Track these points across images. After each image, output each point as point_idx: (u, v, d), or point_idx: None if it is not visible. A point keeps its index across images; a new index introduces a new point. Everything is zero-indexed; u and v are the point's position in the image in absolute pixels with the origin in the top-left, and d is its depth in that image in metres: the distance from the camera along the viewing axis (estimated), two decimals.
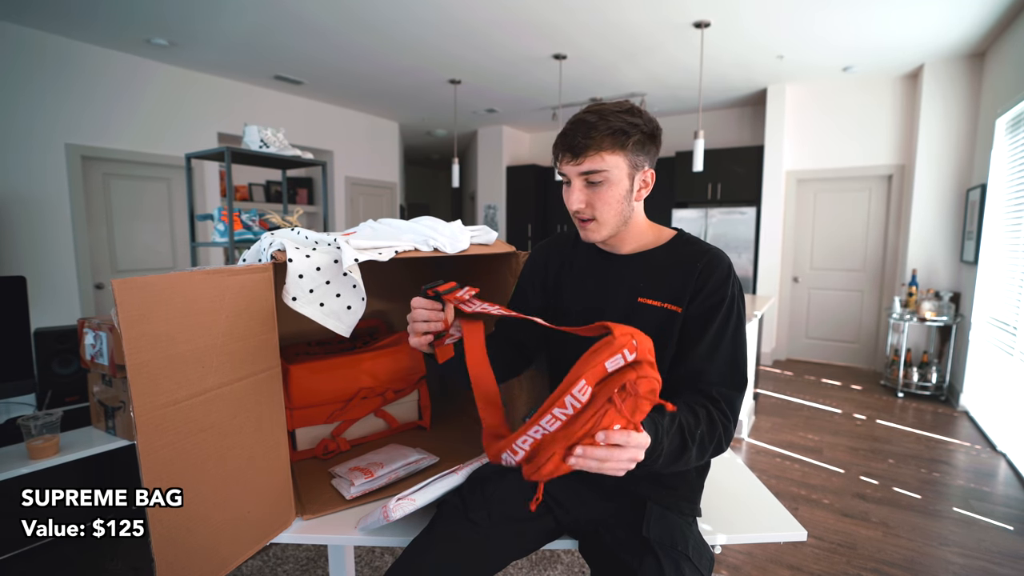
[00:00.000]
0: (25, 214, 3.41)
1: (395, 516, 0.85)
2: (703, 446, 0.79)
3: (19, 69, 3.33)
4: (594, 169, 0.86)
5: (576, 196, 0.89)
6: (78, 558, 1.89)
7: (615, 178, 0.87)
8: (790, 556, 1.97)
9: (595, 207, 0.89)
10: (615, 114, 0.85)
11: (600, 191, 0.87)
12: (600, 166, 0.85)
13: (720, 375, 0.85)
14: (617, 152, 0.85)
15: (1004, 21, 3.29)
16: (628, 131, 0.85)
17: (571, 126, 0.87)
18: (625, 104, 0.88)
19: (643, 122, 0.87)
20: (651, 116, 0.89)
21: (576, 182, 0.89)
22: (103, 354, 1.42)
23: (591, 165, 0.86)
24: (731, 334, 0.87)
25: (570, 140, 0.86)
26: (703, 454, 0.80)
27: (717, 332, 0.86)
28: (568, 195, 0.91)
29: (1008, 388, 2.94)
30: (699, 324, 0.87)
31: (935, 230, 4.14)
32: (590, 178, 0.87)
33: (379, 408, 1.35)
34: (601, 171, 0.86)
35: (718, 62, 4.09)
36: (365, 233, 1.04)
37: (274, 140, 2.62)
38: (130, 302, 0.67)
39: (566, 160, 0.88)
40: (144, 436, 0.70)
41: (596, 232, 0.92)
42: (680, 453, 0.76)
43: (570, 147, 0.86)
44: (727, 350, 0.86)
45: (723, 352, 0.86)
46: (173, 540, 0.74)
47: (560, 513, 0.93)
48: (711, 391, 0.84)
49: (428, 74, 4.46)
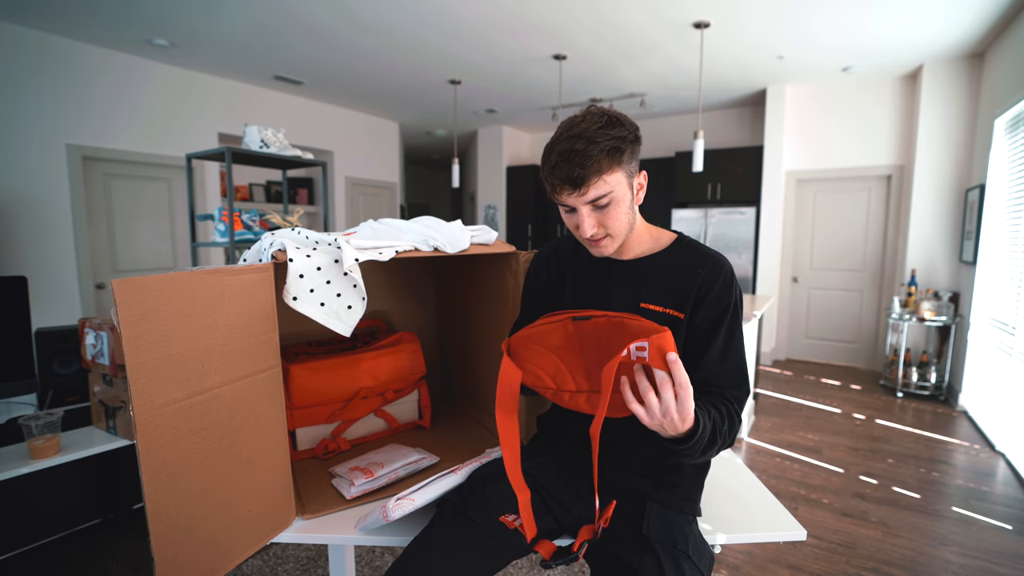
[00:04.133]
0: (26, 214, 3.41)
1: (394, 516, 0.85)
2: (724, 441, 0.83)
3: (20, 69, 3.34)
4: (600, 195, 0.85)
5: (587, 223, 0.87)
6: (79, 557, 1.89)
7: (619, 194, 0.87)
8: (790, 556, 1.97)
9: (607, 226, 0.88)
10: (600, 132, 0.83)
11: (609, 211, 0.87)
12: (604, 189, 0.84)
13: (730, 379, 0.88)
14: (615, 169, 0.84)
15: (1003, 21, 3.30)
16: (620, 146, 0.84)
17: (562, 157, 0.83)
18: (603, 117, 0.85)
19: (628, 131, 0.85)
20: (629, 119, 0.88)
21: (583, 210, 0.87)
22: (104, 354, 1.42)
23: (596, 192, 0.84)
24: (736, 338, 0.90)
25: (567, 172, 0.83)
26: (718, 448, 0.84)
27: (726, 337, 0.89)
28: (576, 222, 0.89)
29: (1007, 388, 2.94)
30: (708, 331, 0.89)
31: (934, 230, 4.14)
32: (598, 203, 0.86)
33: (379, 408, 1.35)
34: (606, 194, 0.85)
35: (718, 62, 4.09)
36: (365, 233, 1.04)
37: (274, 140, 2.62)
38: (130, 302, 0.67)
39: (567, 192, 0.85)
40: (144, 436, 0.70)
41: (610, 246, 0.91)
42: (711, 444, 0.80)
43: (569, 179, 0.83)
44: (735, 354, 0.89)
45: (731, 356, 0.89)
46: (173, 539, 0.74)
47: (560, 512, 0.93)
48: (725, 393, 0.87)
49: (428, 74, 4.46)
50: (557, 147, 0.85)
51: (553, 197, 0.89)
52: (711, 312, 0.88)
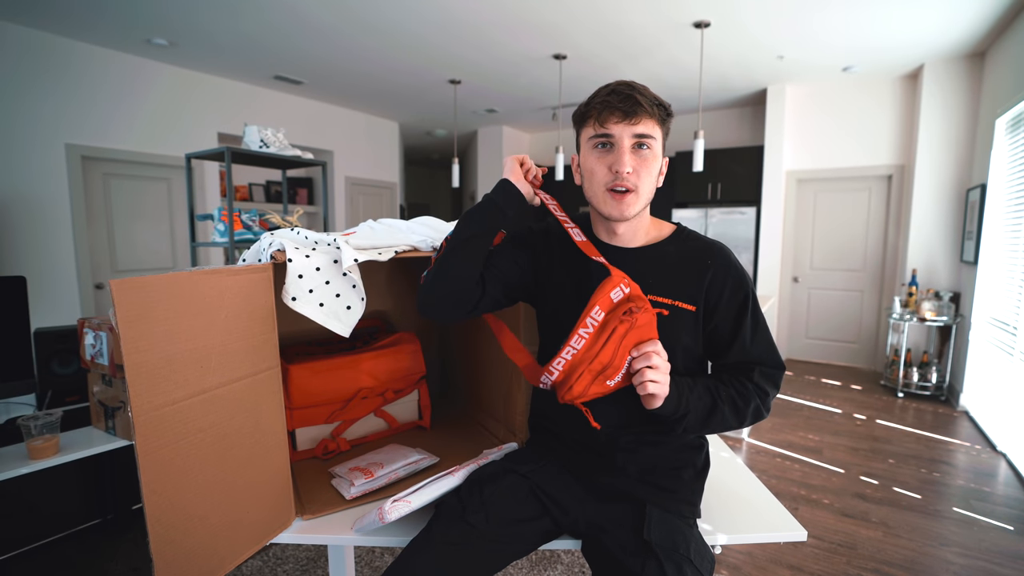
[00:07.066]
0: (26, 214, 3.41)
1: (391, 518, 0.85)
2: (736, 407, 0.87)
3: (20, 69, 3.33)
4: (647, 133, 0.83)
5: (627, 158, 0.83)
6: (78, 558, 1.89)
7: (657, 150, 0.86)
8: (790, 556, 1.97)
9: (639, 175, 0.85)
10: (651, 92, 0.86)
11: (647, 158, 0.85)
12: (651, 131, 0.84)
13: (761, 357, 0.91)
14: (660, 126, 0.85)
15: (1004, 21, 3.29)
16: (668, 109, 0.86)
17: (622, 87, 0.83)
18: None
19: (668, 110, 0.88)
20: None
21: (626, 143, 0.83)
22: (103, 354, 1.42)
23: (645, 128, 0.83)
24: (760, 321, 0.92)
25: (622, 100, 0.82)
26: (740, 416, 0.87)
27: (752, 324, 0.90)
28: (610, 159, 0.85)
29: (1008, 388, 2.94)
30: (734, 322, 0.90)
31: (935, 230, 4.14)
32: (641, 141, 0.84)
33: (379, 408, 1.35)
34: (651, 136, 0.84)
35: (718, 62, 4.09)
36: (365, 233, 1.03)
37: (274, 140, 2.62)
38: (128, 302, 0.67)
39: (615, 119, 0.82)
40: (142, 436, 0.69)
41: (631, 206, 0.86)
42: (712, 410, 0.85)
43: (623, 107, 0.82)
44: (762, 334, 0.91)
45: (759, 337, 0.91)
46: (172, 540, 0.74)
47: (558, 514, 0.93)
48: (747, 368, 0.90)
49: (428, 74, 4.46)
50: (610, 86, 0.86)
51: (595, 128, 0.85)
52: (732, 304, 0.89)
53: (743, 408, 0.87)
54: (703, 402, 0.85)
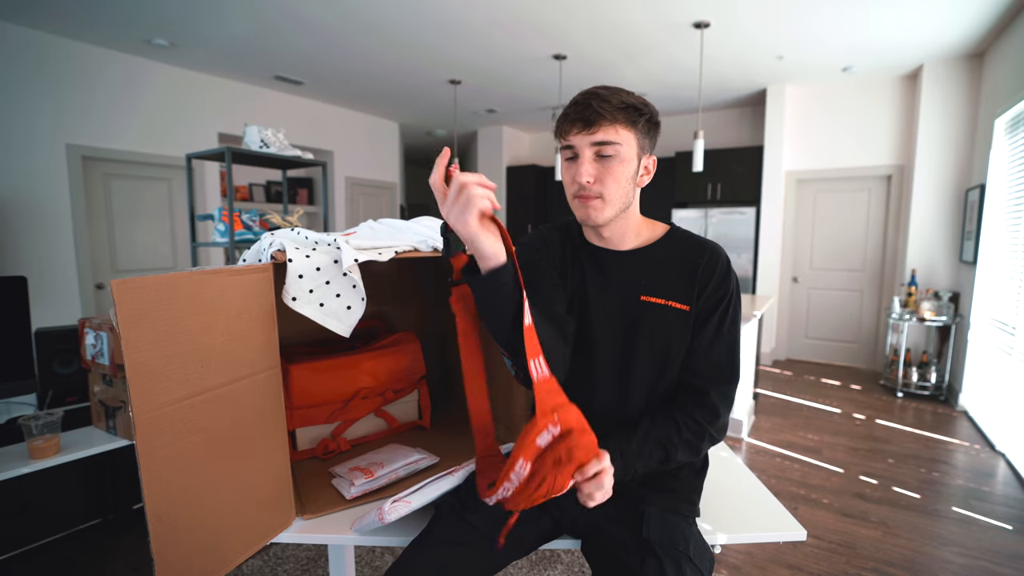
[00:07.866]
0: (26, 214, 3.41)
1: (390, 518, 0.85)
2: (691, 446, 0.86)
3: (20, 69, 3.33)
4: (607, 140, 0.83)
5: (585, 168, 0.84)
6: (79, 557, 1.89)
7: (625, 155, 0.85)
8: (790, 556, 1.97)
9: (603, 183, 0.85)
10: (625, 93, 0.85)
11: (611, 166, 0.84)
12: (613, 138, 0.83)
13: (712, 369, 0.89)
14: (629, 128, 0.84)
15: (1003, 21, 3.30)
16: (639, 111, 0.85)
17: (582, 97, 0.84)
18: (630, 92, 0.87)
19: (648, 110, 0.87)
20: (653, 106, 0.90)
21: (587, 153, 0.84)
22: (104, 354, 1.42)
23: (604, 136, 0.83)
24: (728, 328, 0.90)
25: (582, 110, 0.83)
26: (694, 450, 0.87)
27: (716, 328, 0.89)
28: (574, 169, 0.86)
29: (1007, 388, 2.94)
30: (704, 318, 0.89)
31: (934, 230, 4.14)
32: (602, 150, 0.84)
33: (379, 408, 1.35)
34: (614, 143, 0.83)
35: (718, 62, 4.09)
36: (365, 233, 1.04)
37: (274, 140, 2.62)
38: (129, 302, 0.67)
39: (576, 130, 0.84)
40: (143, 436, 0.70)
41: (599, 212, 0.87)
42: (664, 460, 0.86)
43: (582, 117, 0.83)
44: (724, 344, 0.89)
45: (719, 347, 0.89)
46: (172, 540, 0.74)
47: (557, 513, 0.93)
48: (701, 384, 0.89)
49: (428, 74, 4.46)
50: (577, 96, 0.86)
51: (561, 140, 0.87)
52: (707, 303, 0.89)
53: (697, 444, 0.87)
54: (654, 457, 0.84)
